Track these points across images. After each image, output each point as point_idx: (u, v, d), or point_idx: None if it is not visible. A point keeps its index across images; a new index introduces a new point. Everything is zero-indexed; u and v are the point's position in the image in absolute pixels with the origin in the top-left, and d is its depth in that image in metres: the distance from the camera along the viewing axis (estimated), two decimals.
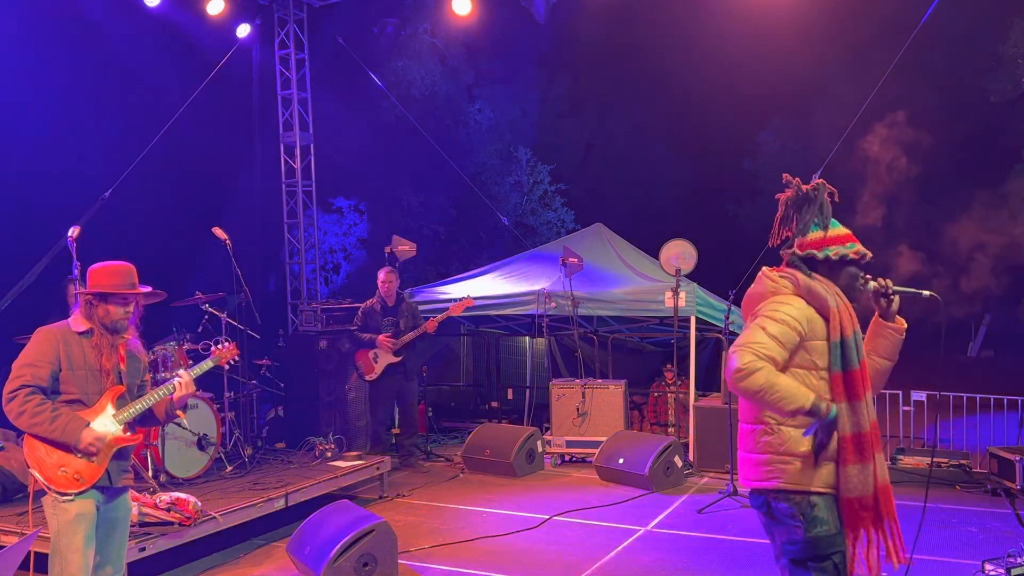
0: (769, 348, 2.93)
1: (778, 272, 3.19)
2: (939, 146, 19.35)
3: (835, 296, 3.09)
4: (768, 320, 3.00)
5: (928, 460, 7.61)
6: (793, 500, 3.01)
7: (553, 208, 21.07)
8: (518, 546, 5.92)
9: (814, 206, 3.19)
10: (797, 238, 3.21)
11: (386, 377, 8.12)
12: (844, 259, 3.15)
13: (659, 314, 9.34)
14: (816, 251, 3.15)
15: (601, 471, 7.64)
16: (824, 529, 2.98)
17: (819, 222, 3.18)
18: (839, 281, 3.15)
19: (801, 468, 3.00)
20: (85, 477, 3.67)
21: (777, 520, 3.08)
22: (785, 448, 3.02)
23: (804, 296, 3.08)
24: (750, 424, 3.13)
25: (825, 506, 3.00)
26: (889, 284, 3.19)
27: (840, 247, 3.15)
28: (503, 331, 11.20)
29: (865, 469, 3.00)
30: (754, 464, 3.10)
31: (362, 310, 8.30)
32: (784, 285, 3.13)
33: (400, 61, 18.11)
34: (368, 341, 8.11)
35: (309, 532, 5.24)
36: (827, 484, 3.01)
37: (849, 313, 3.09)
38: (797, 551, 3.02)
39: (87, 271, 3.83)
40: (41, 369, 3.65)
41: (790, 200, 3.25)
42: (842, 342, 3.03)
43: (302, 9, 10.54)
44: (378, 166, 19.00)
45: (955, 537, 5.82)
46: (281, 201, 10.87)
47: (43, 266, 8.19)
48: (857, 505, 2.99)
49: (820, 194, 3.21)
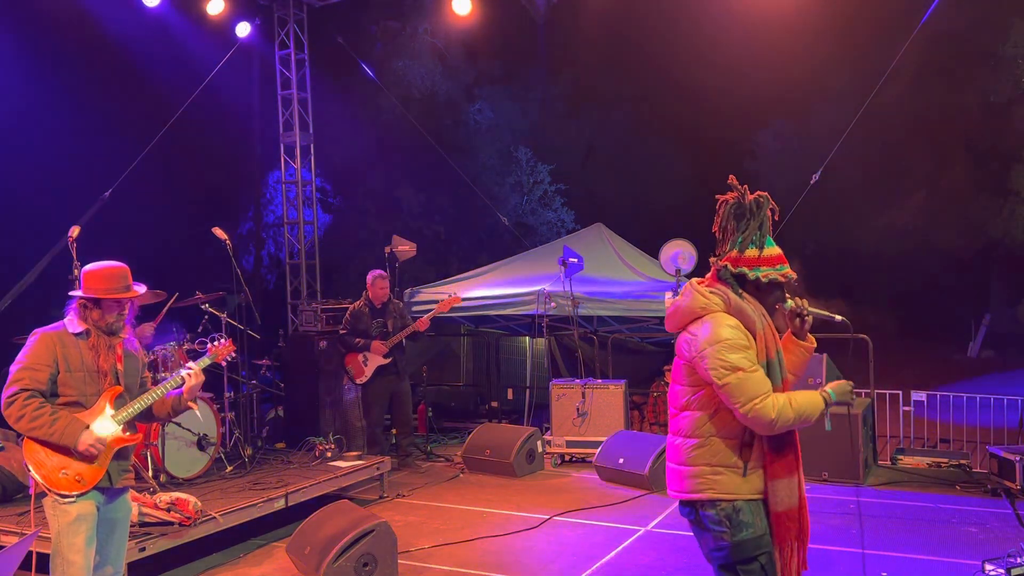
0: (766, 384, 3.01)
1: (708, 287, 3.17)
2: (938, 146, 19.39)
3: (761, 317, 3.13)
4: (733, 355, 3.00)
5: (928, 460, 7.61)
6: (719, 507, 3.07)
7: (553, 208, 21.07)
8: (518, 546, 5.92)
9: (754, 221, 3.16)
10: (732, 251, 3.18)
11: (377, 378, 8.07)
12: (773, 282, 3.16)
13: (659, 314, 9.33)
14: (748, 270, 3.15)
15: (601, 471, 7.64)
16: (749, 532, 3.05)
17: (756, 240, 3.16)
18: (764, 301, 3.18)
19: (730, 479, 3.07)
20: (86, 479, 3.66)
21: (705, 528, 3.13)
22: (717, 460, 3.08)
23: (735, 315, 3.10)
24: (682, 437, 3.17)
25: (750, 510, 3.07)
26: (805, 305, 3.24)
27: (771, 269, 3.15)
28: (503, 331, 11.20)
29: (791, 483, 3.10)
30: (684, 476, 3.14)
31: (351, 312, 8.21)
32: (715, 302, 3.12)
33: (400, 61, 18.11)
34: (361, 347, 8.04)
35: (309, 532, 5.24)
36: (755, 491, 3.09)
37: (773, 334, 3.16)
38: (724, 556, 3.08)
39: (81, 273, 3.82)
40: (39, 372, 3.64)
41: (730, 207, 3.21)
42: (768, 363, 3.10)
43: (302, 9, 10.54)
44: (378, 166, 19.00)
45: (955, 537, 5.81)
46: (282, 201, 10.86)
47: (43, 266, 8.20)
48: (785, 518, 3.08)
49: (763, 210, 3.18)
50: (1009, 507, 6.44)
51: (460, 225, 20.00)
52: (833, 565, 5.30)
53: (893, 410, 8.72)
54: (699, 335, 3.09)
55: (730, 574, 3.09)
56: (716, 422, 3.08)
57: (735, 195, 3.22)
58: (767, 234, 3.18)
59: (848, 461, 7.19)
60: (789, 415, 2.97)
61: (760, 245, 3.16)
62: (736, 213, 3.19)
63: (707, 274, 3.28)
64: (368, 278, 8.22)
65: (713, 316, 3.10)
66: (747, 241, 3.15)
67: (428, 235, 18.75)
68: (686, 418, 3.17)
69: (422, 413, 9.85)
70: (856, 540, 5.79)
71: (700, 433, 3.11)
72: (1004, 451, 6.89)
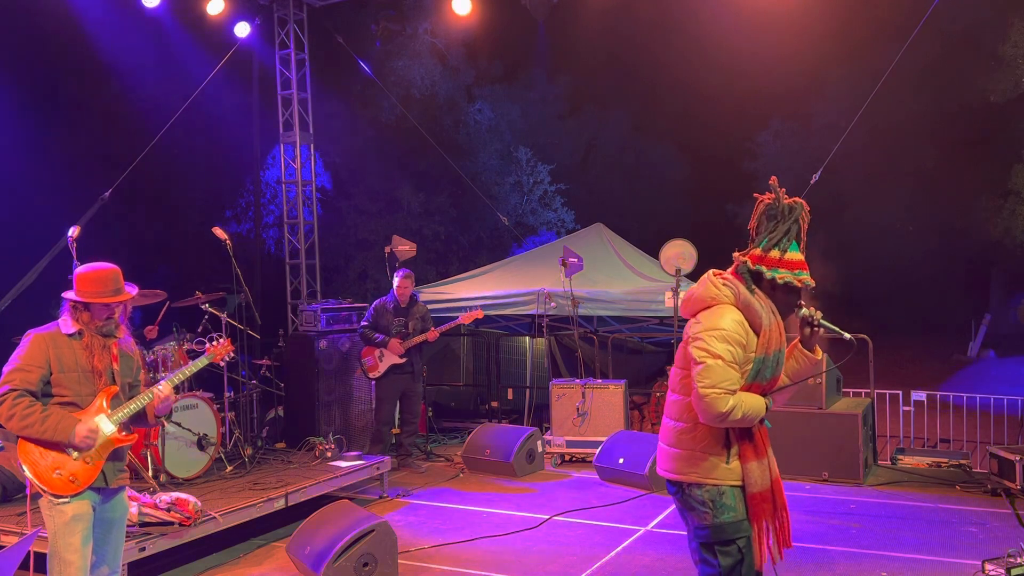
0: (734, 381, 3.13)
1: (722, 279, 3.29)
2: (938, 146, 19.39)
3: (770, 314, 3.23)
4: (721, 345, 3.13)
5: (928, 460, 7.61)
6: (705, 489, 3.24)
7: (553, 208, 21.07)
8: (518, 546, 5.91)
9: (783, 224, 3.25)
10: (756, 249, 3.29)
11: (390, 376, 8.10)
12: (788, 285, 3.25)
13: (659, 314, 9.34)
14: (766, 269, 3.25)
15: (601, 471, 7.64)
16: (731, 516, 3.22)
17: (781, 241, 3.26)
18: (777, 301, 3.28)
19: (714, 464, 3.23)
20: (80, 479, 3.66)
21: (689, 507, 3.30)
22: (702, 446, 3.25)
23: (742, 309, 3.21)
24: (673, 421, 3.35)
25: (733, 495, 3.23)
26: (817, 316, 3.31)
27: (789, 273, 3.24)
28: (503, 331, 11.19)
29: (762, 465, 3.25)
30: (673, 458, 3.32)
31: (374, 307, 8.27)
32: (725, 295, 3.24)
33: (400, 61, 18.10)
34: (380, 342, 8.07)
35: (309, 532, 5.24)
36: (737, 478, 3.24)
37: (779, 331, 3.25)
38: (706, 536, 3.25)
39: (73, 275, 3.81)
40: (30, 373, 3.63)
41: (767, 207, 3.30)
42: (763, 358, 3.21)
43: (302, 9, 10.54)
44: (378, 166, 19.00)
45: (955, 537, 5.81)
46: (281, 201, 10.86)
47: (43, 266, 8.20)
48: (759, 499, 3.24)
49: (794, 214, 3.27)
50: (1009, 507, 6.44)
51: (460, 225, 20.00)
52: (833, 565, 5.31)
53: (893, 410, 8.73)
54: (702, 322, 3.23)
55: (709, 553, 3.27)
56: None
57: (772, 196, 3.32)
58: (793, 239, 3.27)
59: (848, 461, 7.19)
60: (737, 415, 3.11)
61: (784, 249, 3.25)
62: (769, 213, 3.30)
63: (729, 267, 3.38)
64: (397, 275, 8.15)
65: (720, 307, 3.23)
66: (772, 242, 3.25)
67: (428, 235, 18.75)
68: (677, 402, 3.34)
69: (422, 413, 9.85)
70: (856, 540, 5.79)
71: (689, 418, 3.27)
72: (1004, 451, 6.89)
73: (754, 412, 3.17)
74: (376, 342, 8.10)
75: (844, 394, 8.12)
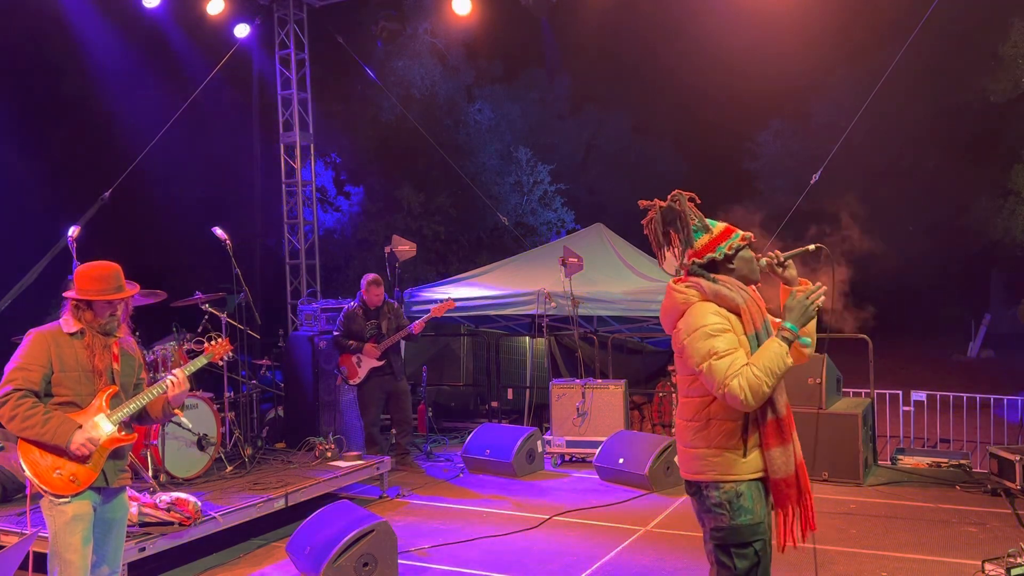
0: (739, 361, 3.09)
1: (683, 283, 3.32)
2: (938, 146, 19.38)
3: (740, 292, 3.26)
4: (708, 343, 3.13)
5: (928, 460, 7.61)
6: (722, 489, 3.20)
7: (553, 208, 21.07)
8: (518, 546, 5.92)
9: (683, 216, 3.30)
10: (688, 251, 3.33)
11: (372, 379, 8.04)
12: (736, 249, 3.31)
13: (658, 314, 9.32)
14: (712, 253, 3.30)
15: (601, 471, 7.64)
16: (748, 518, 3.18)
17: (699, 226, 3.32)
18: (739, 272, 3.31)
19: (731, 460, 3.20)
20: (80, 479, 3.65)
21: (706, 508, 3.26)
22: (716, 442, 3.21)
23: (713, 300, 3.23)
24: (686, 420, 3.33)
25: (751, 495, 3.19)
26: (778, 254, 3.38)
27: (728, 240, 3.31)
28: (503, 331, 11.19)
29: (787, 451, 3.21)
30: (691, 458, 3.29)
31: (344, 314, 8.16)
32: (692, 294, 3.27)
33: (400, 61, 18.10)
34: (355, 348, 8.01)
35: (309, 532, 5.24)
36: (756, 470, 3.21)
37: (758, 305, 3.29)
38: (722, 537, 3.22)
39: (73, 273, 3.81)
40: (32, 373, 3.63)
41: (657, 221, 3.36)
42: (756, 335, 3.23)
43: (302, 9, 10.54)
44: (378, 166, 19.01)
45: (955, 537, 5.81)
46: (281, 201, 10.85)
47: (43, 266, 8.20)
48: (783, 485, 3.21)
49: (682, 202, 3.33)
50: (1009, 507, 6.44)
51: (460, 225, 20.00)
52: (833, 565, 5.30)
53: (893, 410, 8.73)
54: (682, 328, 3.25)
55: (725, 556, 3.22)
56: (715, 407, 3.22)
57: (652, 211, 3.39)
58: (703, 217, 3.35)
59: (848, 461, 7.19)
60: (756, 383, 3.03)
61: (706, 228, 3.33)
62: (665, 219, 3.35)
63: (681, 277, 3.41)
64: (363, 282, 8.12)
65: (692, 307, 3.25)
66: (691, 233, 3.31)
67: (428, 235, 18.75)
68: (689, 404, 3.33)
69: (422, 413, 9.85)
70: (856, 540, 5.79)
71: (701, 416, 3.26)
72: (1004, 451, 6.89)
73: (772, 362, 3.06)
74: (351, 349, 8.01)
75: (844, 394, 8.11)
